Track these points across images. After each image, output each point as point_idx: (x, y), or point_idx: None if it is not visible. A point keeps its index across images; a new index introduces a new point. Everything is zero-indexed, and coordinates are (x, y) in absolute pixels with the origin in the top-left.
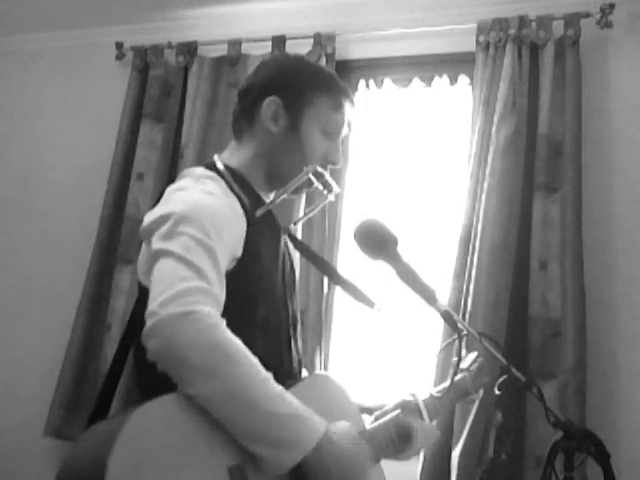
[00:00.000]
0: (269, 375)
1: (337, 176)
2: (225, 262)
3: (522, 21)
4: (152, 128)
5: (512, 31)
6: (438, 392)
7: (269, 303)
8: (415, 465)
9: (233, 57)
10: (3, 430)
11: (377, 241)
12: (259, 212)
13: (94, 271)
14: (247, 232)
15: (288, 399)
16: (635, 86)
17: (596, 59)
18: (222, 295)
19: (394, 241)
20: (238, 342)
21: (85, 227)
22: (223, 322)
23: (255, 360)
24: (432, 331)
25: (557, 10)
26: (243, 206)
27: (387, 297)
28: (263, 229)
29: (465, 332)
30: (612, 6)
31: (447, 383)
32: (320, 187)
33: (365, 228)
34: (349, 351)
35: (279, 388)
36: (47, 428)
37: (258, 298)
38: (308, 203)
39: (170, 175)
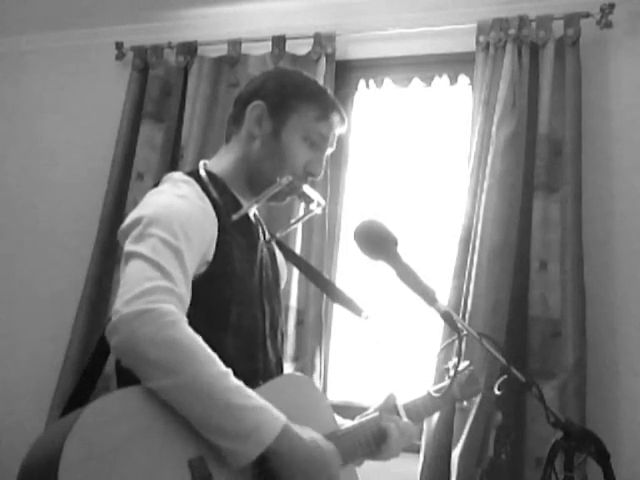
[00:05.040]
0: (229, 370)
1: (337, 177)
2: (193, 263)
3: (522, 21)
4: (152, 128)
5: (512, 31)
6: (436, 392)
7: (242, 305)
8: (415, 465)
9: (233, 57)
10: (3, 430)
11: (377, 241)
12: (235, 217)
13: (94, 271)
14: (219, 235)
15: (247, 392)
16: (635, 86)
17: (596, 59)
18: (187, 295)
19: (394, 241)
20: (197, 338)
21: (85, 227)
22: (184, 319)
23: (214, 356)
24: (432, 331)
25: (557, 10)
26: (217, 210)
27: (387, 298)
28: (237, 234)
29: (465, 332)
30: (612, 6)
31: (444, 384)
32: (297, 199)
33: (365, 228)
34: (349, 351)
35: (238, 382)
36: (47, 428)
37: (230, 300)
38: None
39: None
